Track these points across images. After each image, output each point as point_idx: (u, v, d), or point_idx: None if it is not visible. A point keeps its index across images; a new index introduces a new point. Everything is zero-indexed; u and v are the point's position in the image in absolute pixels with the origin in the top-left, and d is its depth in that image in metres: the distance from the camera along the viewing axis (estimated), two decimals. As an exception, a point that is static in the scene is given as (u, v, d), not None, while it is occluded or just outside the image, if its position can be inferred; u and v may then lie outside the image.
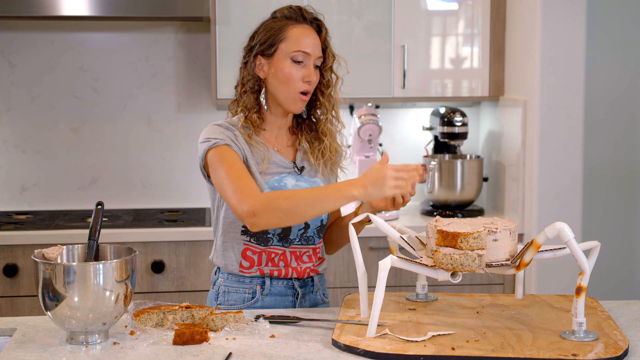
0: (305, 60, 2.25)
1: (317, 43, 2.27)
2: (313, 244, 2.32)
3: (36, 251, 1.92)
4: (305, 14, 2.29)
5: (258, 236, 2.25)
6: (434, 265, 1.89)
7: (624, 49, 4.08)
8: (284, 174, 2.29)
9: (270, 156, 2.29)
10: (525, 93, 3.56)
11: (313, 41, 2.26)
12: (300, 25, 2.27)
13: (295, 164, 2.32)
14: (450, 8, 3.77)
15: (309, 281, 2.33)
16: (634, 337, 1.94)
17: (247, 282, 2.28)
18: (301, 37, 2.25)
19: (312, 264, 2.32)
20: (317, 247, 2.34)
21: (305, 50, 2.24)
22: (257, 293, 2.28)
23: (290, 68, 2.24)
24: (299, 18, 2.28)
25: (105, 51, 3.89)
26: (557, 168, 3.49)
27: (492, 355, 1.76)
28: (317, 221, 2.30)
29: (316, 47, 2.26)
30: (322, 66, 2.31)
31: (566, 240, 1.84)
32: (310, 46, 2.25)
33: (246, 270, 2.28)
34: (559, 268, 3.45)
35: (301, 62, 2.25)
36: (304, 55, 2.25)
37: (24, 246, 3.38)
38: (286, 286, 2.29)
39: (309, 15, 2.29)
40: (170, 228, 3.48)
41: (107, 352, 1.85)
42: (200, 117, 3.95)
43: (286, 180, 2.28)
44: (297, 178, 2.30)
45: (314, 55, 2.26)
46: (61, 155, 3.92)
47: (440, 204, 3.82)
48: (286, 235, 2.27)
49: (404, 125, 4.07)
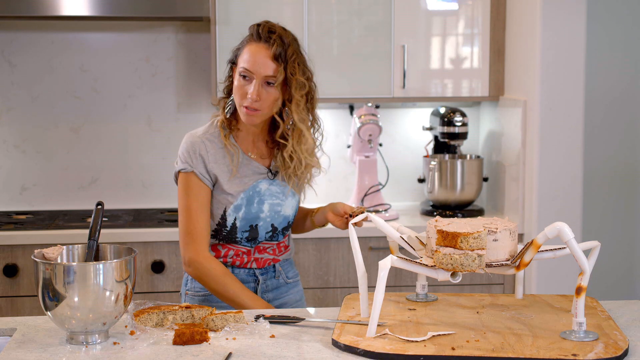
0: (250, 77, 2.33)
1: (265, 61, 2.31)
2: (277, 240, 2.48)
3: (36, 251, 1.92)
4: (261, 31, 2.35)
5: (227, 239, 2.43)
6: (434, 265, 1.89)
7: (624, 49, 4.08)
8: (260, 180, 2.43)
9: (245, 162, 2.42)
10: (525, 93, 3.56)
11: (258, 59, 2.32)
12: (254, 44, 2.35)
13: (269, 169, 2.44)
14: (450, 8, 3.77)
15: (270, 268, 2.49)
16: (634, 337, 1.94)
17: None
18: (248, 54, 2.34)
19: (274, 256, 2.48)
20: (282, 242, 2.50)
21: (247, 67, 2.33)
22: None
23: (238, 82, 2.36)
24: (255, 36, 2.36)
25: (105, 51, 3.90)
26: (557, 168, 3.49)
27: (492, 355, 1.76)
28: (284, 223, 2.47)
29: (261, 65, 2.31)
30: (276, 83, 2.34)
31: (566, 240, 1.84)
32: (252, 64, 2.32)
33: None
34: (559, 268, 3.45)
35: (246, 77, 2.34)
36: (247, 72, 2.33)
37: (24, 246, 3.38)
38: (247, 274, 2.45)
39: (264, 33, 2.34)
40: (170, 228, 3.48)
41: (107, 352, 1.85)
42: (200, 117, 3.95)
43: (260, 185, 2.42)
44: (270, 182, 2.44)
45: (259, 73, 2.31)
46: (61, 155, 3.92)
47: (440, 204, 3.82)
48: (254, 238, 2.44)
49: (404, 125, 4.07)
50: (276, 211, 2.43)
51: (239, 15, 3.63)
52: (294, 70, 2.32)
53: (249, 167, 2.42)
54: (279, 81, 2.32)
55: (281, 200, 2.44)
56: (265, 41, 2.32)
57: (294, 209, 2.49)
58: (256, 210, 2.40)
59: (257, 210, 2.40)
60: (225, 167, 2.38)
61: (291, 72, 2.32)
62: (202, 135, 2.40)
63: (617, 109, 4.11)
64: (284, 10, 3.68)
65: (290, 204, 2.46)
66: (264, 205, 2.41)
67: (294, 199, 2.48)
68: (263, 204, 2.41)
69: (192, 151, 2.37)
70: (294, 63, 2.33)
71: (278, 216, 2.44)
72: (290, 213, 2.47)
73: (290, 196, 2.46)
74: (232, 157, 2.38)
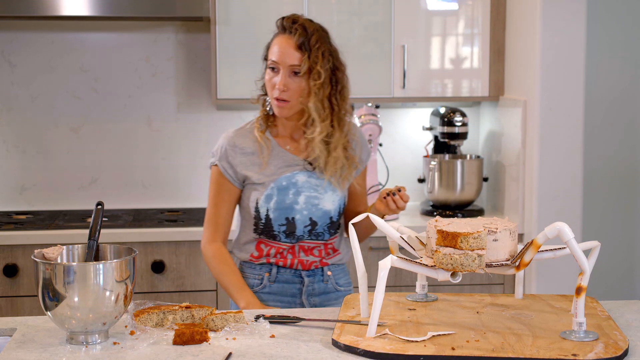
0: (276, 68, 2.38)
1: (290, 51, 2.36)
2: (323, 240, 2.46)
3: (36, 251, 1.92)
4: (285, 22, 2.40)
5: (266, 232, 2.44)
6: (434, 265, 1.89)
7: (624, 49, 4.08)
8: (296, 171, 2.44)
9: (280, 154, 2.44)
10: (525, 93, 3.56)
11: (283, 49, 2.37)
12: (279, 36, 2.41)
13: (306, 160, 2.45)
14: (450, 8, 3.77)
15: (317, 271, 2.48)
16: (634, 337, 1.94)
17: (257, 269, 2.48)
18: (273, 46, 2.40)
19: (321, 258, 2.47)
20: (330, 242, 2.48)
21: (273, 59, 2.39)
22: (265, 279, 2.45)
23: (268, 75, 2.42)
24: (280, 28, 2.41)
25: (105, 51, 3.90)
26: (557, 168, 3.49)
27: (492, 355, 1.76)
28: (325, 218, 2.45)
29: (286, 55, 2.36)
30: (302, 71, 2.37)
31: (566, 240, 1.83)
32: (277, 54, 2.37)
33: (255, 259, 2.46)
34: (559, 268, 3.45)
35: (274, 69, 2.39)
36: (274, 63, 2.39)
37: (24, 246, 3.38)
38: (293, 275, 2.45)
39: (287, 24, 2.38)
40: (170, 228, 3.48)
41: (107, 352, 1.85)
42: (200, 117, 3.95)
43: (297, 177, 2.43)
44: (308, 175, 2.44)
45: (284, 62, 2.36)
46: (61, 155, 3.92)
47: (440, 204, 3.82)
48: (292, 232, 2.43)
49: (404, 125, 4.07)
50: (313, 204, 2.42)
51: (239, 15, 3.63)
52: (316, 58, 2.35)
53: (283, 160, 2.44)
54: (304, 70, 2.35)
55: (319, 194, 2.43)
56: (289, 32, 2.37)
57: (336, 204, 2.46)
58: (291, 201, 2.41)
59: (291, 201, 2.41)
60: (257, 159, 2.43)
61: (314, 61, 2.35)
62: (235, 131, 2.47)
63: (617, 109, 4.11)
64: (284, 10, 3.66)
65: (330, 199, 2.45)
66: (300, 197, 2.42)
67: (335, 194, 2.46)
68: (299, 196, 2.42)
69: (221, 147, 2.46)
70: (318, 52, 2.35)
71: (316, 209, 2.43)
72: (331, 208, 2.45)
73: (330, 190, 2.45)
74: (262, 149, 2.42)
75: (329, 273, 2.50)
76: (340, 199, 2.48)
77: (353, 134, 2.51)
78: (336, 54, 2.42)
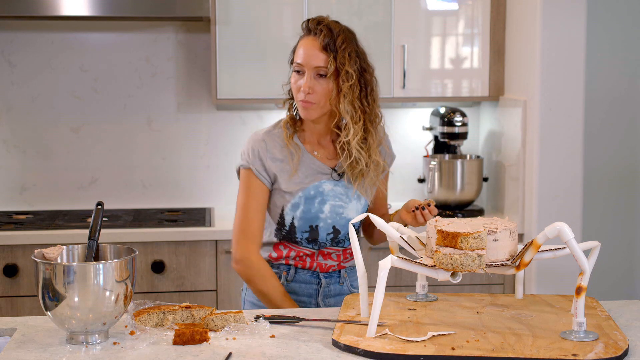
0: (302, 70, 2.34)
1: (315, 52, 2.31)
2: (343, 247, 2.45)
3: (36, 251, 1.92)
4: (310, 24, 2.36)
5: (288, 238, 2.42)
6: (434, 265, 1.89)
7: (624, 49, 4.08)
8: (323, 180, 2.40)
9: (308, 161, 2.40)
10: (525, 93, 3.56)
11: (308, 51, 2.32)
12: (304, 38, 2.36)
13: (334, 169, 2.41)
14: (450, 8, 3.77)
15: (335, 273, 2.47)
16: (634, 337, 1.94)
17: (275, 268, 2.45)
18: (299, 48, 2.36)
19: (339, 262, 2.46)
20: (348, 248, 2.47)
21: (298, 62, 2.34)
22: (282, 278, 2.43)
23: (293, 78, 2.37)
24: (305, 30, 2.37)
25: (105, 51, 3.90)
26: (557, 168, 3.49)
27: (492, 355, 1.76)
28: (347, 228, 2.41)
29: (311, 57, 2.31)
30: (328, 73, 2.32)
31: (566, 240, 1.83)
32: (302, 56, 2.33)
33: (274, 259, 2.44)
34: (559, 268, 3.45)
35: (299, 72, 2.35)
36: (299, 66, 2.34)
37: (24, 246, 3.38)
38: (311, 275, 2.44)
39: (312, 25, 2.35)
40: (170, 228, 3.48)
41: (107, 352, 1.85)
42: (200, 117, 3.95)
43: (324, 185, 2.40)
44: (334, 184, 2.40)
45: (309, 64, 2.32)
46: (61, 155, 3.92)
47: (440, 204, 3.81)
48: (314, 239, 2.41)
49: (404, 125, 4.07)
50: (338, 213, 2.40)
51: (239, 15, 3.63)
52: (343, 60, 2.30)
53: (311, 167, 2.40)
54: (331, 72, 2.30)
55: (344, 203, 2.40)
56: (314, 33, 2.33)
57: (359, 213, 2.43)
58: (316, 210, 2.38)
59: (317, 210, 2.38)
60: (286, 166, 2.37)
61: (341, 62, 2.30)
62: (264, 134, 2.41)
63: (617, 109, 4.10)
64: (284, 10, 3.68)
65: (355, 207, 2.42)
66: (325, 206, 2.39)
67: (359, 202, 2.43)
68: (324, 205, 2.39)
69: (252, 149, 2.39)
70: (344, 52, 2.30)
71: (340, 218, 2.40)
72: (354, 216, 2.37)
73: (355, 199, 2.42)
74: (292, 156, 2.37)
75: (345, 275, 2.50)
76: (364, 207, 2.45)
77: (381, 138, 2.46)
78: (364, 55, 2.38)
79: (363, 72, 2.35)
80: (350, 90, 2.32)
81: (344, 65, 2.30)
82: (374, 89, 2.39)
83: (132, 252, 1.94)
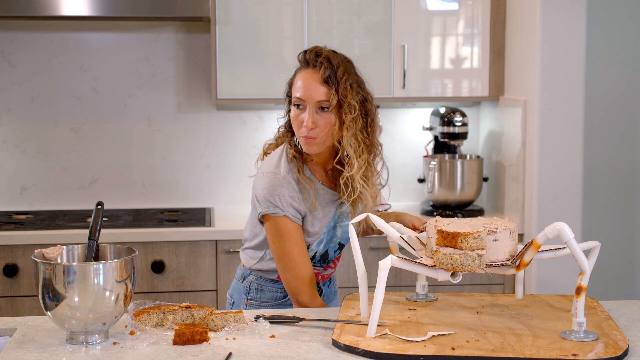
0: (302, 105, 2.26)
1: (316, 86, 2.24)
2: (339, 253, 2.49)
3: (36, 251, 1.92)
4: (308, 56, 2.27)
5: None
6: (434, 265, 1.89)
7: (624, 49, 4.08)
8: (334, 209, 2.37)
9: (321, 192, 2.35)
10: (525, 93, 3.56)
11: (308, 85, 2.24)
12: (304, 71, 2.28)
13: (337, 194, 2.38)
14: (450, 8, 3.77)
15: (328, 281, 2.52)
16: (634, 337, 1.94)
17: (280, 283, 2.41)
18: (299, 82, 2.27)
19: (333, 269, 2.49)
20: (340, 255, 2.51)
21: (299, 96, 2.26)
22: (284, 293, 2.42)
23: (293, 112, 2.29)
24: (303, 62, 2.29)
25: (105, 51, 3.90)
26: (557, 168, 3.49)
27: (492, 355, 1.76)
28: (347, 239, 2.42)
29: (312, 91, 2.23)
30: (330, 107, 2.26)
31: (566, 240, 1.84)
32: (302, 90, 2.25)
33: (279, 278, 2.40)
34: (559, 268, 3.45)
35: (299, 106, 2.27)
36: (300, 100, 2.26)
37: (24, 246, 3.38)
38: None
39: (311, 58, 2.27)
40: (170, 228, 3.48)
41: (107, 352, 1.85)
42: (200, 117, 3.95)
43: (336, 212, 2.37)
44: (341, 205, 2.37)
45: (310, 98, 2.24)
46: (61, 155, 3.92)
47: (440, 204, 3.81)
48: (325, 259, 2.42)
49: (404, 125, 4.07)
50: (344, 231, 2.41)
51: (239, 15, 3.63)
52: (345, 92, 2.23)
53: (325, 198, 2.36)
54: (333, 105, 2.23)
55: (348, 221, 2.40)
56: (313, 66, 2.25)
57: None
58: (331, 235, 2.39)
59: (332, 235, 2.39)
60: (306, 202, 2.31)
61: (343, 94, 2.23)
62: (283, 177, 2.29)
63: (617, 109, 4.10)
64: (284, 10, 3.68)
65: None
66: (337, 230, 2.39)
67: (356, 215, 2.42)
68: (337, 229, 2.39)
69: (280, 194, 2.27)
70: (346, 84, 2.24)
71: (345, 235, 2.42)
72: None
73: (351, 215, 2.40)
74: (308, 192, 2.31)
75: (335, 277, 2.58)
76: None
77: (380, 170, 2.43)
78: (363, 84, 2.32)
79: (364, 102, 2.29)
80: (353, 123, 2.25)
81: (347, 98, 2.24)
82: (374, 118, 2.33)
83: (132, 252, 1.94)
